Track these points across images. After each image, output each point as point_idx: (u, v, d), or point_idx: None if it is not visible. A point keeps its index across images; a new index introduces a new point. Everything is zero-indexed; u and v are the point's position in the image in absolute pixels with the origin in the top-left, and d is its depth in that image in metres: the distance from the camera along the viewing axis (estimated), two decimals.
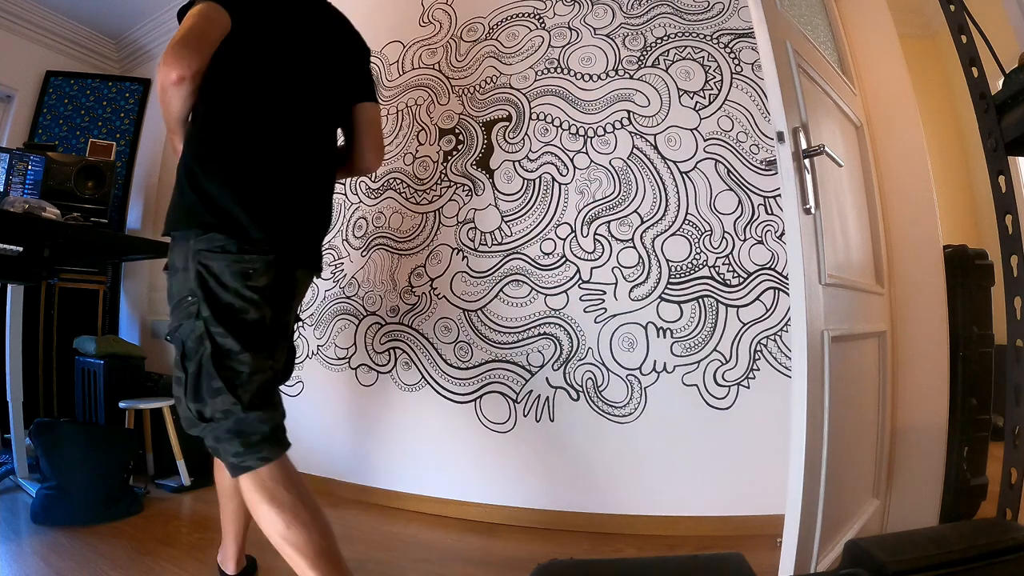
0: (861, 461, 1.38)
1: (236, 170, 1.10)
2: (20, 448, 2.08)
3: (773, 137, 1.10)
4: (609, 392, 1.79)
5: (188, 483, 2.18)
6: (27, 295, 2.21)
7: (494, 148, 2.04)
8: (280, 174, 1.15)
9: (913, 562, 0.62)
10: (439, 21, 2.25)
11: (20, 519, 1.77)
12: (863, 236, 1.49)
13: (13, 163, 2.35)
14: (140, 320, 3.11)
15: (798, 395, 1.02)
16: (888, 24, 1.71)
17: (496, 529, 1.80)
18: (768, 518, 1.48)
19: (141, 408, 2.18)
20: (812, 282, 1.07)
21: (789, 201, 1.07)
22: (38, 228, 1.83)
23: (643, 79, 1.88)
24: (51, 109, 3.18)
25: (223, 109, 1.13)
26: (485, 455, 1.92)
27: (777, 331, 1.69)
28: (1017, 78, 0.91)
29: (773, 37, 1.11)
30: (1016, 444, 0.88)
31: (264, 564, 1.53)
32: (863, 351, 1.37)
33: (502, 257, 1.96)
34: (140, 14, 3.24)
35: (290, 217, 1.16)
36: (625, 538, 1.68)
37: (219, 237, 1.05)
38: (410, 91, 2.25)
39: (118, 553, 1.54)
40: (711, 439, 1.70)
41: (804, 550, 1.02)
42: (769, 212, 1.73)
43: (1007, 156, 0.96)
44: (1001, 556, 0.63)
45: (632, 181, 1.84)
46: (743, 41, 1.82)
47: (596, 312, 1.82)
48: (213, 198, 1.06)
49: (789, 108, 1.09)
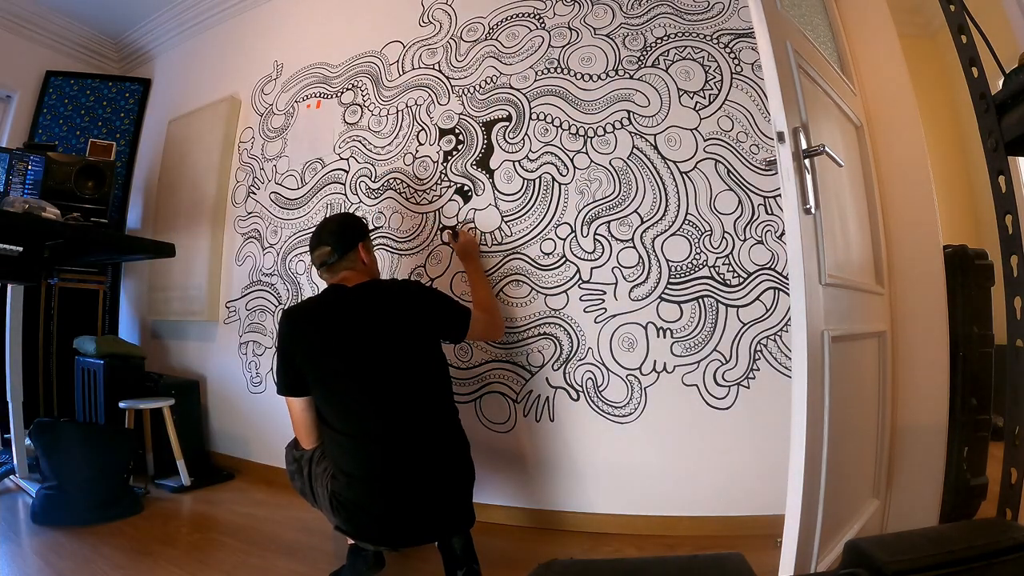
0: (861, 461, 1.38)
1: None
2: (20, 448, 2.09)
3: (773, 137, 1.09)
4: (609, 392, 1.79)
5: (188, 483, 2.18)
6: (27, 295, 2.21)
7: (494, 148, 2.04)
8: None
9: (913, 562, 0.62)
10: (439, 21, 2.25)
11: (20, 519, 1.77)
12: (863, 236, 1.49)
13: (13, 163, 2.35)
14: (140, 320, 3.11)
15: (798, 395, 1.02)
16: (888, 24, 1.71)
17: (496, 529, 1.80)
18: (768, 518, 1.47)
19: (141, 408, 2.18)
20: (812, 282, 1.07)
21: (789, 201, 1.07)
22: (38, 228, 1.83)
23: (643, 79, 1.88)
24: (51, 109, 3.18)
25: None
26: (485, 455, 1.92)
27: (777, 331, 1.69)
28: (1017, 78, 0.91)
29: (773, 37, 1.11)
30: (1016, 444, 0.88)
31: (264, 563, 1.53)
32: (863, 351, 1.37)
33: (502, 257, 1.96)
34: (140, 14, 3.24)
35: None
36: (625, 538, 1.68)
37: None
38: (410, 91, 2.25)
39: (118, 553, 1.54)
40: (711, 439, 1.70)
41: (804, 550, 1.02)
42: (769, 212, 1.73)
43: (1007, 156, 0.96)
44: (1001, 556, 0.63)
45: (632, 181, 1.84)
46: (743, 41, 1.82)
47: (596, 312, 1.82)
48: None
49: (789, 108, 1.09)
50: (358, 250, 1.55)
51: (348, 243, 1.53)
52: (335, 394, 1.36)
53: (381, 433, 1.31)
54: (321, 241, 1.54)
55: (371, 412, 1.32)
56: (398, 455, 1.30)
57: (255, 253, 2.59)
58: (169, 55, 3.32)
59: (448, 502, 1.33)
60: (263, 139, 2.67)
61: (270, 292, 2.50)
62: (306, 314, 1.45)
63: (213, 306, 2.67)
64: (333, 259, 1.51)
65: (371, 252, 1.61)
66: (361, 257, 1.55)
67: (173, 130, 3.06)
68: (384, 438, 1.30)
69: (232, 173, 2.76)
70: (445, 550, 1.34)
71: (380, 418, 1.32)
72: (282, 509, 1.49)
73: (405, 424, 1.32)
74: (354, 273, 1.53)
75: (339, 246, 1.52)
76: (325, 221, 1.62)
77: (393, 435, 1.31)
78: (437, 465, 1.33)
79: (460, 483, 1.37)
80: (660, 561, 0.71)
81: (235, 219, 2.70)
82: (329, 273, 1.54)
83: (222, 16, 3.01)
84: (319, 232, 1.57)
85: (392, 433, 1.31)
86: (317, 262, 1.55)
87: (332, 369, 1.35)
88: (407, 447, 1.31)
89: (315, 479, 1.40)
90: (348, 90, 2.43)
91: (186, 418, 2.39)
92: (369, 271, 1.58)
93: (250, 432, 2.50)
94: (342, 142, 2.39)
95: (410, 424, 1.33)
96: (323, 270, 1.55)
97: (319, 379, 1.36)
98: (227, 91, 2.85)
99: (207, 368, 2.72)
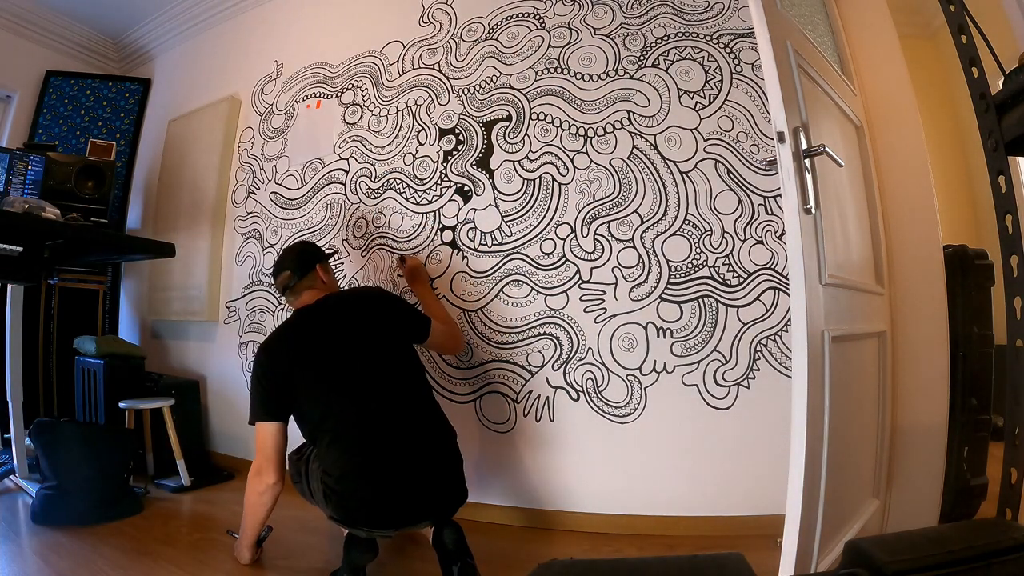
0: (861, 461, 1.38)
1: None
2: (20, 448, 2.09)
3: (773, 137, 1.09)
4: (609, 392, 1.79)
5: (188, 483, 2.18)
6: (27, 295, 2.21)
7: (494, 148, 2.04)
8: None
9: (913, 562, 0.62)
10: (439, 21, 2.25)
11: (20, 519, 1.77)
12: (863, 236, 1.49)
13: (13, 163, 2.35)
14: (140, 320, 3.11)
15: (798, 395, 1.02)
16: (888, 24, 1.71)
17: (496, 529, 1.80)
18: (768, 518, 1.47)
19: (141, 408, 2.18)
20: (812, 282, 1.07)
21: (789, 201, 1.07)
22: (38, 228, 1.83)
23: (643, 79, 1.88)
24: (51, 109, 3.18)
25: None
26: (485, 455, 1.92)
27: (777, 331, 1.69)
28: (1017, 78, 0.91)
29: (773, 37, 1.11)
30: (1016, 444, 0.88)
31: (264, 563, 1.53)
32: (863, 351, 1.37)
33: (502, 257, 1.96)
34: (140, 14, 3.24)
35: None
36: (625, 538, 1.68)
37: None
38: (410, 91, 2.25)
39: (118, 553, 1.54)
40: (711, 439, 1.70)
41: (804, 550, 1.02)
42: (769, 212, 1.73)
43: (1007, 156, 0.96)
44: (1001, 556, 0.63)
45: (632, 181, 1.84)
46: (743, 41, 1.81)
47: (596, 312, 1.82)
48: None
49: (789, 108, 1.09)
50: (316, 271, 1.67)
51: (307, 265, 1.66)
52: (319, 399, 1.42)
53: (366, 426, 1.38)
54: (283, 267, 1.66)
55: (353, 410, 1.40)
56: (383, 444, 1.36)
57: (255, 253, 2.59)
58: (169, 55, 3.32)
59: (434, 482, 1.39)
60: (263, 139, 2.67)
61: (270, 292, 2.50)
62: (279, 338, 1.53)
63: (213, 306, 2.68)
64: (293, 281, 1.62)
65: (330, 273, 1.73)
66: (320, 277, 1.67)
67: (173, 130, 3.06)
68: (369, 430, 1.38)
69: (232, 173, 2.76)
70: (439, 546, 1.35)
71: (363, 413, 1.39)
72: (282, 509, 1.49)
73: (387, 415, 1.40)
74: (315, 292, 1.63)
75: (298, 269, 1.64)
76: (284, 251, 1.76)
77: (377, 426, 1.38)
78: (421, 449, 1.40)
79: (446, 464, 1.44)
80: (660, 561, 0.71)
81: (235, 219, 2.70)
82: (293, 295, 1.64)
83: (222, 16, 3.01)
84: (280, 261, 1.69)
85: (376, 425, 1.38)
86: (280, 287, 1.66)
87: (313, 376, 1.43)
88: (391, 436, 1.38)
89: (311, 475, 1.47)
90: (348, 90, 2.43)
91: (186, 418, 2.39)
92: (329, 288, 1.68)
93: (250, 432, 2.48)
94: (342, 142, 2.39)
95: (392, 415, 1.41)
96: (287, 294, 1.65)
97: (300, 390, 1.43)
98: (227, 91, 2.85)
99: (207, 368, 2.72)
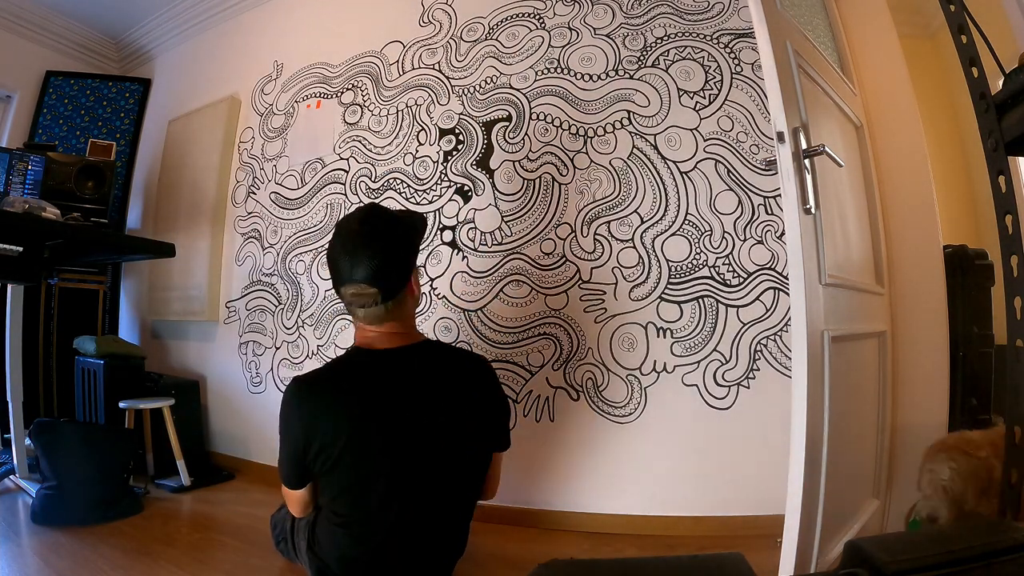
0: (861, 461, 1.38)
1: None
2: (20, 448, 2.08)
3: (773, 137, 1.10)
4: (609, 392, 1.79)
5: (188, 483, 2.18)
6: (27, 295, 2.21)
7: (494, 148, 2.04)
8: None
9: (913, 562, 0.62)
10: (439, 21, 2.25)
11: (20, 519, 1.77)
12: (863, 236, 1.49)
13: (13, 163, 2.35)
14: (140, 320, 3.11)
15: (798, 395, 1.02)
16: (888, 24, 1.71)
17: (496, 529, 1.80)
18: (768, 518, 1.47)
19: (141, 408, 2.18)
20: (812, 282, 1.07)
21: (789, 201, 1.07)
22: (38, 228, 1.83)
23: (643, 79, 1.88)
24: (51, 109, 3.18)
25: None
26: None
27: (777, 331, 1.69)
28: (1017, 78, 0.91)
29: (773, 37, 1.11)
30: (1016, 444, 0.88)
31: (264, 563, 1.53)
32: (863, 351, 1.37)
33: (502, 257, 1.96)
34: (140, 14, 3.24)
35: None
36: (625, 538, 1.68)
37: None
38: (410, 91, 2.25)
39: (118, 553, 1.54)
40: (711, 439, 1.70)
41: (804, 550, 1.02)
42: (769, 212, 1.73)
43: (1007, 156, 0.96)
44: (1001, 556, 0.63)
45: (632, 181, 1.84)
46: (743, 41, 1.81)
47: (596, 312, 1.82)
48: None
49: (789, 108, 1.09)
50: (411, 284, 1.17)
51: (403, 274, 1.13)
52: (355, 477, 1.11)
53: (393, 522, 1.11)
54: (358, 269, 1.09)
55: (395, 501, 1.10)
56: (397, 547, 1.13)
57: (255, 253, 2.59)
58: (169, 55, 3.32)
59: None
60: (263, 139, 2.67)
61: (270, 292, 2.50)
62: (329, 383, 1.15)
63: (213, 306, 2.68)
64: (380, 308, 1.12)
65: (418, 279, 1.23)
66: (410, 294, 1.18)
67: (173, 130, 3.06)
68: (393, 529, 1.11)
69: (232, 173, 2.76)
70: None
71: (399, 510, 1.11)
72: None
73: (423, 521, 1.13)
74: (397, 326, 1.17)
75: (391, 284, 1.11)
76: (369, 233, 1.11)
77: (404, 528, 1.12)
78: (430, 557, 1.19)
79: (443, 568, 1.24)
80: (660, 561, 0.71)
81: (235, 219, 2.70)
82: (367, 320, 1.16)
83: (222, 16, 3.01)
84: (352, 249, 1.10)
85: (404, 526, 1.12)
86: (356, 303, 1.13)
87: (362, 447, 1.08)
88: (411, 543, 1.13)
89: (297, 532, 1.30)
90: (348, 90, 2.43)
91: (186, 418, 2.39)
92: (411, 319, 1.24)
93: (250, 432, 2.50)
94: (342, 142, 2.39)
95: (428, 522, 1.15)
96: (362, 313, 1.14)
97: (339, 458, 1.08)
98: (227, 91, 2.85)
99: (207, 368, 2.72)
